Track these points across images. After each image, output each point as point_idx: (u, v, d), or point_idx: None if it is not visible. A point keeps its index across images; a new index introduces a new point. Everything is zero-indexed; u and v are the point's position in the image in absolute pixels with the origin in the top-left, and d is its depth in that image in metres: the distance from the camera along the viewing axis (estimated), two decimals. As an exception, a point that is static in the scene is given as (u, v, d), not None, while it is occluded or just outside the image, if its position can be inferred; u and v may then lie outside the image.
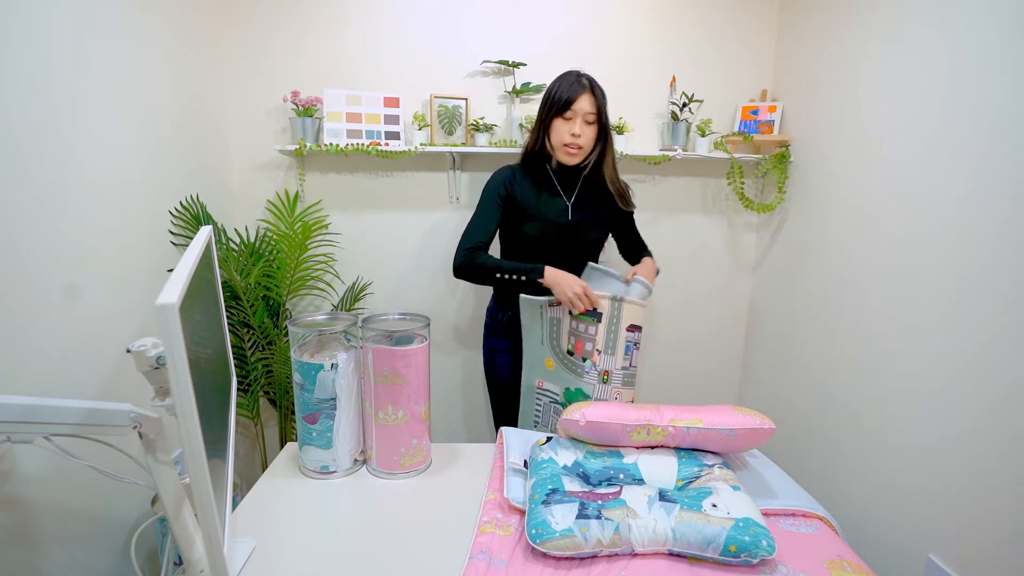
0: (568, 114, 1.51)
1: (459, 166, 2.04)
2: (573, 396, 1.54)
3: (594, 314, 1.50)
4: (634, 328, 1.52)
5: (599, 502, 1.09)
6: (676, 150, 1.99)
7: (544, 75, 1.76)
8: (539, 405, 1.60)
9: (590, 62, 2.03)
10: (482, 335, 1.78)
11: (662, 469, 1.24)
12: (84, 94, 1.23)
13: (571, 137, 1.52)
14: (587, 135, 1.54)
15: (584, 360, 1.52)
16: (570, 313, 1.51)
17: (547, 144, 1.58)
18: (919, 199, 1.41)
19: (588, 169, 1.61)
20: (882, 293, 1.53)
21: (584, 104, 1.51)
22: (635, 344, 1.54)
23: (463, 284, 2.15)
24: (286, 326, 1.78)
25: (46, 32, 1.12)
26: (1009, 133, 1.17)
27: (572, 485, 1.17)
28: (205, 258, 1.01)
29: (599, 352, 1.51)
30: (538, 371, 1.59)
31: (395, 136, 1.93)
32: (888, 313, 1.51)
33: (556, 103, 1.52)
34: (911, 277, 1.43)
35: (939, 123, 1.35)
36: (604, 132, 1.57)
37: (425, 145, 1.92)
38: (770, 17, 2.07)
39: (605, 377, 1.52)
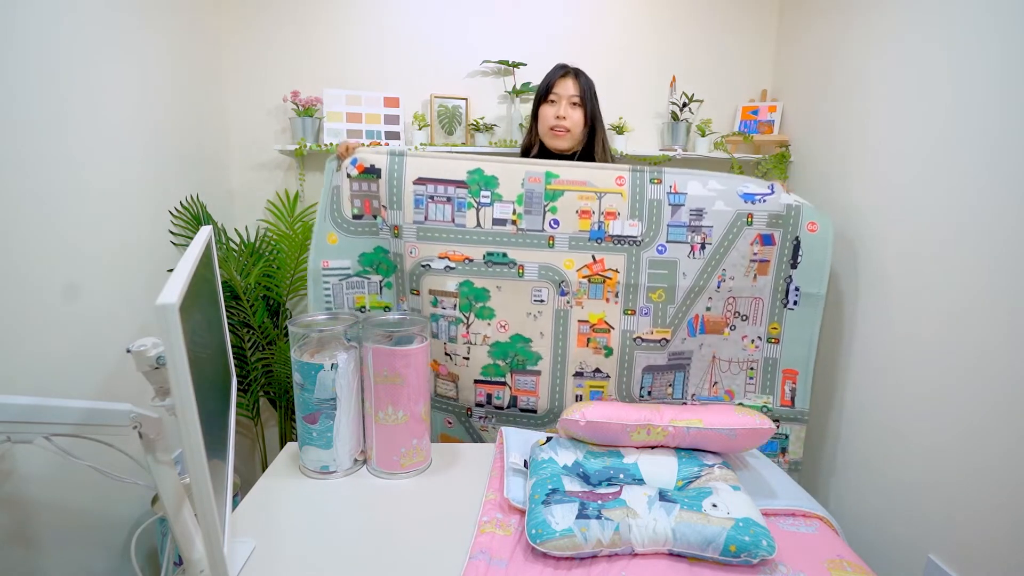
0: (552, 97, 1.59)
1: (459, 166, 2.04)
2: (371, 258, 1.55)
3: (372, 171, 1.51)
4: (424, 181, 1.50)
5: (599, 502, 1.10)
6: (676, 150, 1.99)
7: (544, 75, 1.76)
8: (327, 286, 1.57)
9: (590, 62, 2.02)
10: None
11: (662, 469, 1.24)
12: (84, 94, 1.23)
13: (556, 119, 1.58)
14: (573, 117, 1.59)
15: (375, 217, 1.53)
16: (348, 176, 1.51)
17: (537, 134, 1.63)
18: (920, 199, 1.41)
19: (579, 155, 1.64)
20: (882, 293, 1.53)
21: (567, 87, 1.58)
22: (431, 197, 1.50)
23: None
24: (286, 326, 1.78)
25: (47, 33, 1.12)
26: (1011, 132, 1.17)
27: (572, 485, 1.17)
28: (205, 258, 1.01)
29: (385, 208, 1.52)
30: (322, 250, 1.55)
31: (395, 136, 1.93)
32: (888, 313, 1.51)
33: (540, 89, 1.61)
34: (911, 277, 1.43)
35: (940, 122, 1.35)
36: (592, 118, 1.62)
37: (425, 145, 1.92)
38: (770, 17, 2.07)
39: (396, 232, 1.52)
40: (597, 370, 1.59)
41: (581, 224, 1.52)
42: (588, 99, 1.60)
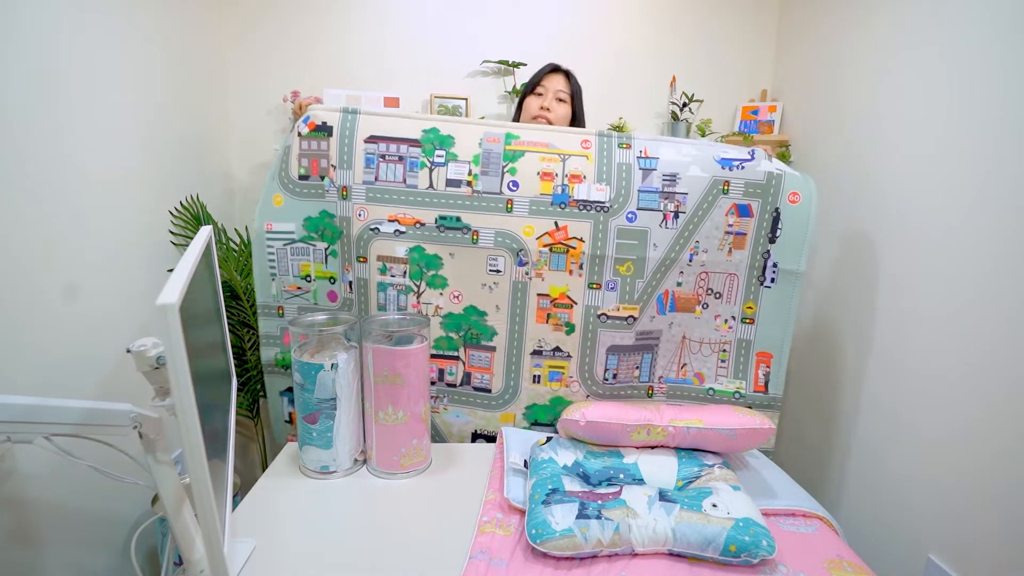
0: (539, 90, 1.57)
1: (459, 166, 2.04)
2: (316, 223, 1.46)
3: (324, 128, 1.42)
4: (376, 140, 1.41)
5: (599, 502, 1.10)
6: (676, 150, 1.99)
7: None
8: (271, 251, 1.48)
9: (590, 62, 2.03)
10: None
11: (662, 469, 1.24)
12: (85, 93, 1.23)
13: (540, 109, 1.55)
14: (558, 111, 1.56)
15: (323, 179, 1.44)
16: (300, 135, 1.43)
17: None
18: (920, 199, 1.41)
19: None
20: (882, 293, 1.53)
21: (555, 82, 1.57)
22: (382, 156, 1.41)
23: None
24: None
25: (47, 33, 1.12)
26: (1012, 132, 1.17)
27: (572, 485, 1.17)
28: (205, 258, 1.01)
29: (334, 168, 1.43)
30: (267, 212, 1.46)
31: (395, 136, 1.93)
32: (888, 313, 1.51)
33: (528, 83, 1.60)
34: (911, 276, 1.43)
35: (940, 122, 1.35)
36: (577, 117, 1.61)
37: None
38: (770, 17, 2.07)
39: (344, 193, 1.43)
40: (557, 349, 1.48)
41: (543, 187, 1.40)
42: (575, 98, 1.60)
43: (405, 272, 1.45)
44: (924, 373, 1.38)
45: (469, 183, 1.41)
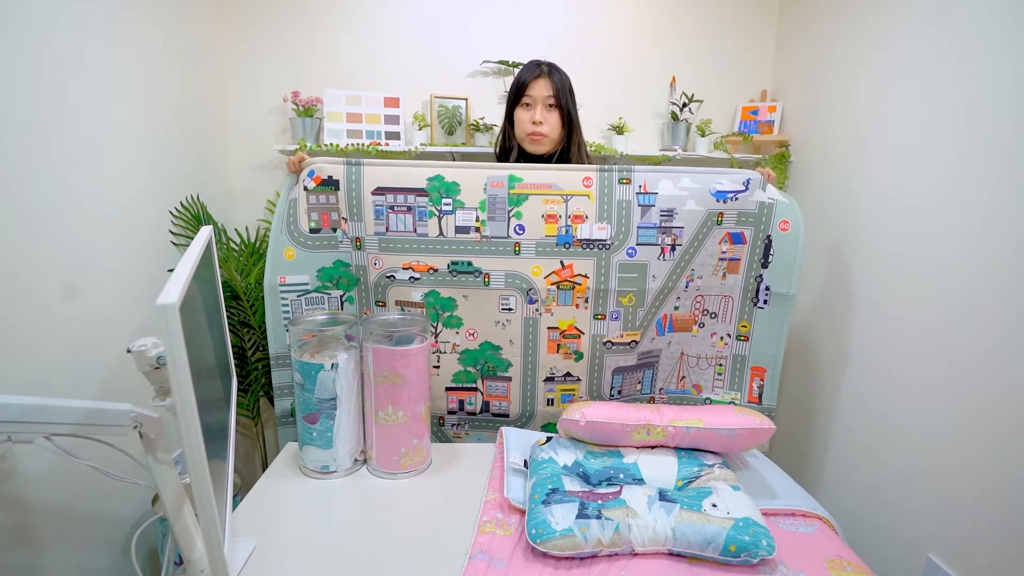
0: (526, 100, 1.53)
1: (459, 166, 2.04)
2: (330, 273, 1.52)
3: (330, 183, 1.48)
4: (383, 191, 1.46)
5: (599, 502, 1.10)
6: (676, 150, 1.99)
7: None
8: (285, 302, 1.51)
9: (590, 62, 2.03)
10: None
11: (662, 469, 1.24)
12: (84, 93, 1.23)
13: (533, 125, 1.51)
14: (550, 121, 1.53)
15: (335, 231, 1.50)
16: (305, 189, 1.48)
17: (514, 138, 1.58)
18: (919, 198, 1.41)
19: (557, 158, 1.59)
20: (882, 293, 1.53)
21: (541, 88, 1.51)
22: (391, 208, 1.46)
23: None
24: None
25: (47, 32, 1.12)
26: (1011, 132, 1.17)
27: (572, 485, 1.17)
28: (205, 258, 1.01)
29: (345, 220, 1.49)
30: (279, 266, 1.50)
31: (395, 136, 1.93)
32: (887, 313, 1.51)
33: (513, 90, 1.54)
34: (911, 276, 1.43)
35: (940, 122, 1.35)
36: (568, 119, 1.56)
37: (425, 145, 1.92)
38: (770, 17, 2.07)
39: (358, 244, 1.49)
40: (568, 374, 1.56)
41: (548, 229, 1.48)
42: (563, 98, 1.53)
43: (422, 314, 1.51)
44: (923, 372, 1.38)
45: (478, 229, 1.48)
